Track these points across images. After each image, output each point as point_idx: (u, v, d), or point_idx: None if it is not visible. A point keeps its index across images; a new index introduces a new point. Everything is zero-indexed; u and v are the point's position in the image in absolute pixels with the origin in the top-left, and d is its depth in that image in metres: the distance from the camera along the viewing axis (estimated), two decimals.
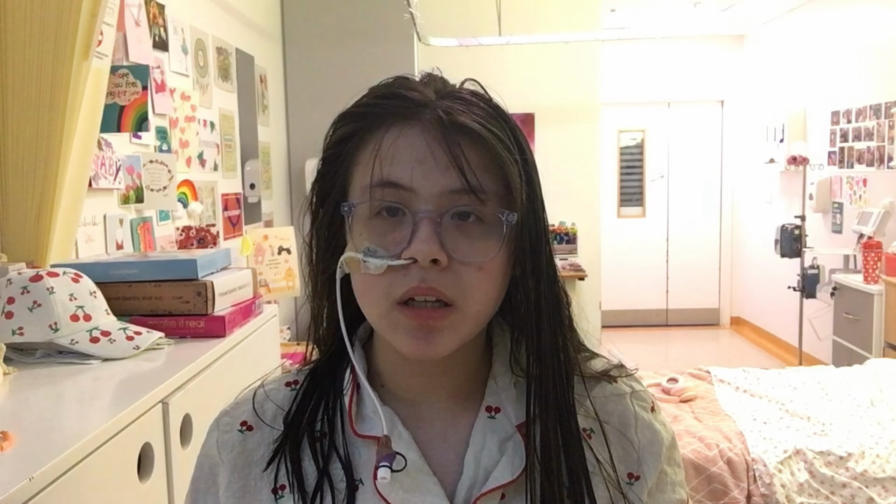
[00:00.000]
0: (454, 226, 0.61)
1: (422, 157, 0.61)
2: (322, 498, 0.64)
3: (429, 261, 0.59)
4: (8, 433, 0.91)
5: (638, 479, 0.68)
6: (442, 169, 0.61)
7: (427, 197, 0.61)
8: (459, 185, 0.60)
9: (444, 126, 0.61)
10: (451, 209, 0.61)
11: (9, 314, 1.28)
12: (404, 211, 0.61)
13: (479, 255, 0.61)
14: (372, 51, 4.02)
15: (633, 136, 7.05)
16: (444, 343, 0.62)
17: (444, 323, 0.61)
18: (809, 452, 2.70)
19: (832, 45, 5.19)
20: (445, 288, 0.60)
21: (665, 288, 7.12)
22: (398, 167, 0.61)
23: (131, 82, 1.94)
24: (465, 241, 0.61)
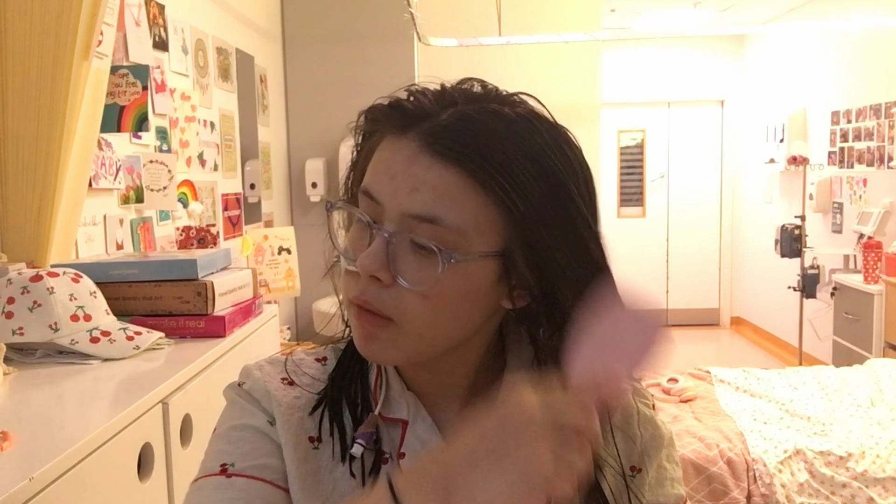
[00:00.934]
0: (410, 247, 0.60)
1: (394, 174, 0.61)
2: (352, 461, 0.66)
3: (368, 275, 0.60)
4: (8, 433, 0.91)
5: (640, 472, 0.70)
6: (407, 190, 0.60)
7: (390, 214, 0.61)
8: (417, 212, 0.59)
9: (426, 145, 0.60)
10: (406, 234, 0.60)
11: (9, 314, 1.28)
12: (370, 222, 0.62)
13: (417, 283, 0.60)
14: (372, 51, 4.02)
15: (633, 136, 7.05)
16: (385, 352, 0.63)
17: (382, 333, 0.62)
18: (809, 452, 2.70)
19: (832, 45, 5.19)
20: (382, 305, 0.61)
21: (665, 288, 7.12)
22: (376, 179, 0.62)
23: (131, 82, 1.94)
24: (413, 266, 0.60)
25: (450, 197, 0.59)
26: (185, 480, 1.19)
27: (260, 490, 0.64)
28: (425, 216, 0.59)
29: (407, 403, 0.68)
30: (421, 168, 0.60)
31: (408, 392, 0.69)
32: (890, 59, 4.52)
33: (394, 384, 0.69)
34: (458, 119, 0.61)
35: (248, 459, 0.65)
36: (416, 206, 0.59)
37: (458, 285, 0.61)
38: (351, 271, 0.63)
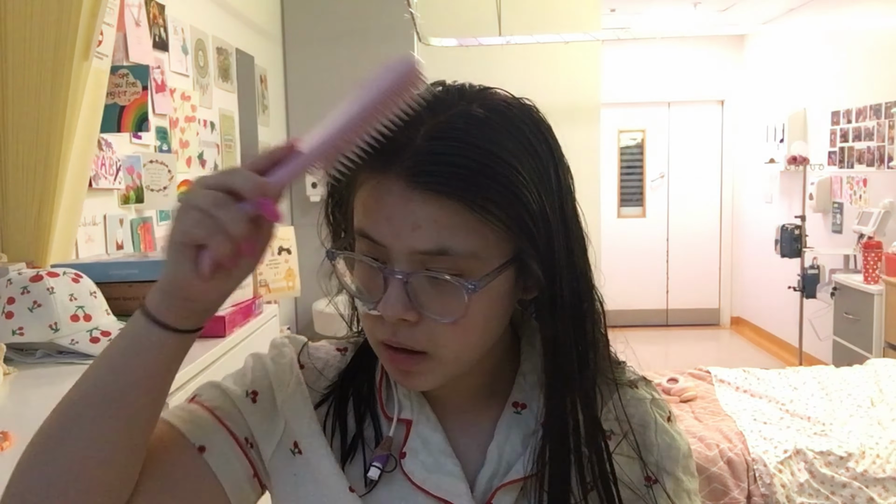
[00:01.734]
0: (426, 281, 0.59)
1: (389, 215, 0.59)
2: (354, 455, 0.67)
3: (395, 320, 0.60)
4: (8, 433, 0.91)
5: (655, 483, 0.69)
6: (409, 229, 0.58)
7: (397, 256, 0.59)
8: (426, 248, 0.58)
9: (413, 181, 0.57)
10: (420, 271, 0.59)
11: (9, 314, 1.28)
12: (379, 266, 0.60)
13: (447, 314, 0.59)
14: (372, 51, 4.02)
15: (633, 136, 7.05)
16: (425, 383, 0.64)
17: (418, 368, 0.62)
18: (809, 452, 2.70)
19: (832, 45, 5.19)
20: (415, 342, 0.61)
21: (665, 288, 7.12)
22: (372, 221, 0.60)
23: (131, 82, 1.94)
24: (435, 298, 0.60)
25: (453, 227, 0.58)
26: None
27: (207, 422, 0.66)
28: (435, 250, 0.58)
29: (411, 403, 0.68)
30: (417, 205, 0.58)
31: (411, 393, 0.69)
32: (890, 59, 4.52)
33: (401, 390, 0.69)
34: (433, 141, 0.58)
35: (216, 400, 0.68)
36: (423, 242, 0.58)
37: (485, 303, 0.61)
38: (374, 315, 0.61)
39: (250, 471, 0.67)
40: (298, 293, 3.42)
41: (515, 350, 0.72)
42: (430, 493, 0.65)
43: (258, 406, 0.68)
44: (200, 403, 0.68)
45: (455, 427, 0.69)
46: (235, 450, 0.66)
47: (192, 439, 0.65)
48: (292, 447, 0.68)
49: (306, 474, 0.67)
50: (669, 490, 0.70)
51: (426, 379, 0.63)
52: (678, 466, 0.71)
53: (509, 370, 0.71)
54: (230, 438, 0.66)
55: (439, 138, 0.58)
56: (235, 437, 0.67)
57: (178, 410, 0.67)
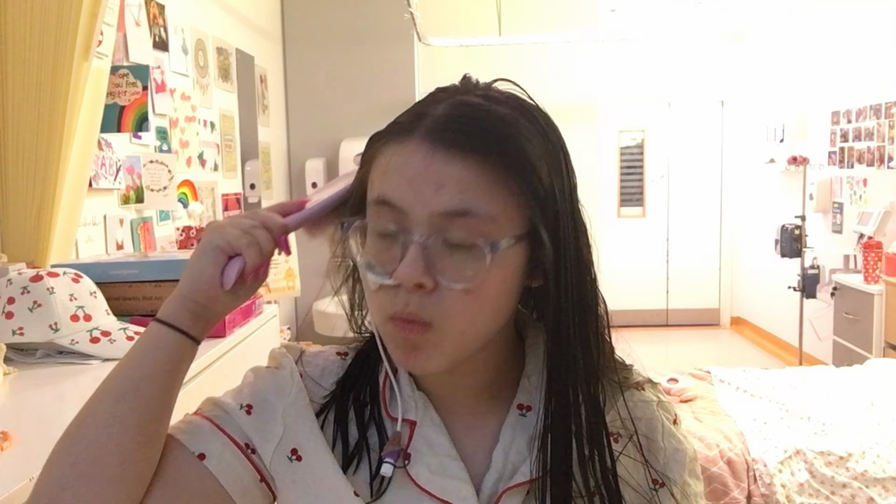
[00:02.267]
0: (443, 247, 0.59)
1: (412, 177, 0.59)
2: (359, 461, 0.67)
3: (412, 285, 0.59)
4: (8, 433, 0.91)
5: (662, 486, 0.69)
6: (432, 190, 0.59)
7: (417, 219, 0.59)
8: (448, 208, 0.58)
9: (438, 142, 0.59)
10: (439, 233, 0.59)
11: (9, 314, 1.28)
12: (397, 231, 0.60)
13: (465, 280, 0.59)
14: (372, 51, 4.02)
15: (633, 135, 7.05)
16: (429, 360, 0.62)
17: (424, 340, 0.61)
18: (810, 452, 2.70)
19: (832, 45, 5.19)
20: (423, 311, 0.60)
21: (665, 288, 7.12)
22: (392, 186, 0.60)
23: (131, 82, 1.94)
24: (452, 265, 0.59)
25: (476, 187, 0.59)
26: None
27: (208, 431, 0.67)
28: (457, 210, 0.58)
29: (416, 404, 0.67)
30: (440, 165, 0.59)
31: (417, 392, 0.68)
32: (890, 59, 4.52)
33: (404, 386, 0.68)
34: (456, 106, 0.61)
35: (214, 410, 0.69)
36: (445, 202, 0.58)
37: (498, 274, 0.61)
38: (387, 286, 0.61)
39: (256, 475, 0.67)
40: (298, 293, 3.42)
41: (519, 352, 0.71)
42: (436, 496, 0.64)
43: (252, 417, 0.68)
44: (198, 414, 0.69)
45: (459, 429, 0.68)
46: (237, 454, 0.66)
47: (191, 448, 0.65)
48: (290, 454, 0.67)
49: (306, 481, 0.66)
50: (676, 494, 0.69)
51: (431, 356, 0.61)
52: (685, 470, 0.71)
53: (513, 372, 0.70)
54: (230, 443, 0.66)
55: (461, 105, 0.61)
56: (235, 442, 0.67)
57: (178, 423, 0.68)
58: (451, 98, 0.62)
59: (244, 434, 0.67)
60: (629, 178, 7.06)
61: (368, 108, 3.99)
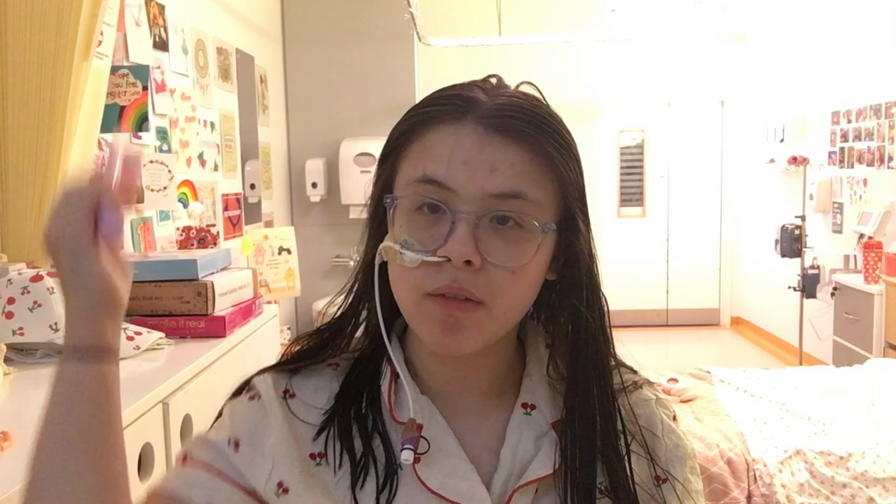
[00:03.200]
0: (491, 228, 0.61)
1: (467, 158, 0.61)
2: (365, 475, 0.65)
3: (462, 261, 0.60)
4: (8, 433, 0.91)
5: (665, 482, 0.70)
6: (485, 171, 0.61)
7: (468, 198, 0.61)
8: (501, 190, 0.61)
9: (492, 127, 0.62)
10: (491, 212, 0.61)
11: (9, 314, 1.28)
12: (444, 209, 0.61)
13: (513, 259, 0.61)
14: (372, 51, 4.02)
15: (633, 135, 7.05)
16: (470, 339, 0.63)
17: (470, 318, 0.62)
18: (810, 452, 2.70)
19: (832, 45, 5.19)
20: (476, 288, 0.61)
21: (665, 288, 7.11)
22: (442, 166, 0.62)
23: (131, 82, 1.94)
24: (501, 245, 0.61)
25: (527, 172, 0.62)
26: None
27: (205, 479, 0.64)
28: (510, 192, 0.61)
29: (421, 407, 0.67)
30: (494, 148, 0.61)
31: (422, 396, 0.68)
32: (890, 59, 4.52)
33: (409, 389, 0.68)
34: (508, 97, 0.64)
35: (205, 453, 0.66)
36: (499, 184, 0.61)
37: (540, 258, 0.64)
38: (428, 263, 0.61)
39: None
40: (298, 293, 3.42)
41: (519, 354, 0.72)
42: (448, 498, 0.63)
43: (241, 453, 0.66)
44: (195, 463, 0.66)
45: (464, 431, 0.68)
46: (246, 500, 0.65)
47: (197, 501, 0.63)
48: (276, 488, 0.65)
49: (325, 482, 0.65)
50: (678, 490, 0.70)
51: (473, 335, 0.62)
52: (686, 467, 0.71)
53: (515, 373, 0.71)
54: (237, 490, 0.65)
55: (513, 96, 0.64)
56: (242, 488, 0.65)
57: (177, 476, 0.65)
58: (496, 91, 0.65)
59: (243, 476, 0.65)
60: (629, 178, 7.06)
61: (368, 108, 3.99)
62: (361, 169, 3.81)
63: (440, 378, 0.69)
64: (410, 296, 0.63)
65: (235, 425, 0.68)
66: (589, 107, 4.37)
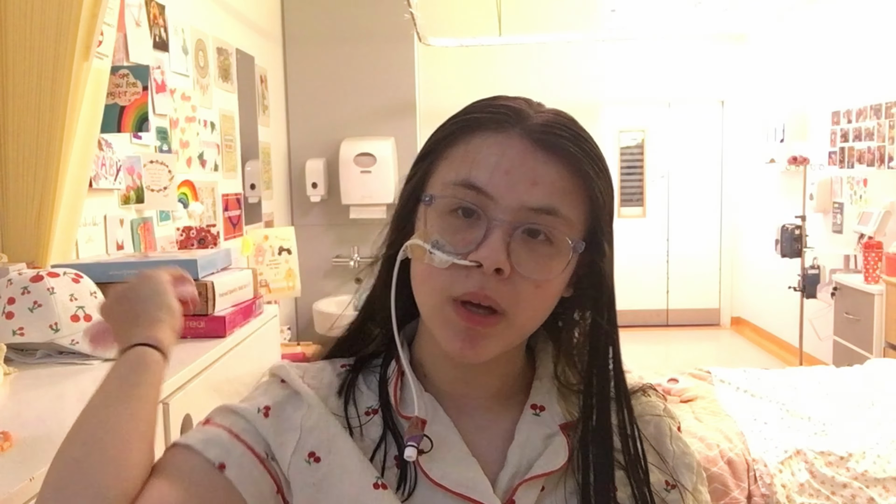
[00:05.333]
0: (522, 240, 0.62)
1: (509, 168, 0.62)
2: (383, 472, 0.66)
3: (493, 269, 0.61)
4: (9, 433, 0.91)
5: (674, 488, 0.71)
6: (526, 184, 0.62)
7: (506, 208, 0.62)
8: (539, 204, 0.62)
9: (539, 142, 0.63)
10: (526, 224, 0.62)
11: (9, 314, 1.28)
12: (480, 214, 0.62)
13: (541, 273, 0.63)
14: (372, 51, 4.02)
15: (633, 135, 7.05)
16: (488, 349, 0.64)
17: (492, 330, 0.63)
18: (810, 452, 2.70)
19: (832, 45, 5.19)
20: (501, 298, 0.62)
21: (665, 288, 7.11)
22: (484, 172, 0.62)
23: (132, 83, 1.94)
24: (530, 257, 0.62)
25: (565, 191, 0.63)
26: None
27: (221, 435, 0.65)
28: (547, 208, 0.62)
29: (425, 404, 0.68)
30: (538, 163, 0.63)
31: (426, 394, 0.69)
32: (890, 59, 4.52)
33: (413, 386, 0.68)
34: (553, 116, 0.65)
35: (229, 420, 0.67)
36: (537, 199, 0.62)
37: (563, 274, 0.65)
38: (458, 266, 0.62)
39: (274, 487, 0.65)
40: (299, 293, 3.42)
41: (529, 359, 0.74)
42: (451, 490, 0.64)
43: (271, 420, 0.67)
44: (215, 425, 0.67)
45: (470, 429, 0.68)
46: (256, 465, 0.65)
47: (211, 458, 0.64)
48: (307, 457, 0.66)
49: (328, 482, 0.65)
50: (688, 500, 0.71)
51: (493, 344, 0.64)
52: (696, 476, 0.73)
53: (523, 376, 0.73)
54: (249, 454, 0.65)
55: (558, 116, 0.66)
56: (255, 452, 0.65)
57: (194, 433, 0.66)
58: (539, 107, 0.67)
59: (263, 441, 0.66)
60: (629, 178, 7.06)
61: (368, 108, 3.99)
62: (361, 169, 3.81)
63: (448, 378, 0.70)
64: (434, 298, 0.64)
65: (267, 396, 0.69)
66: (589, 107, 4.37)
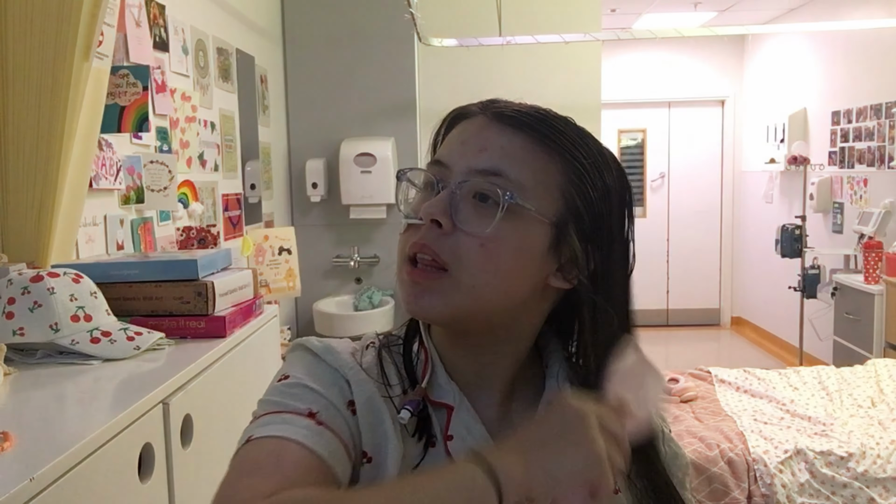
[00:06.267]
0: (471, 199, 0.65)
1: (464, 140, 0.68)
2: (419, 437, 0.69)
3: (430, 220, 0.65)
4: (9, 433, 0.91)
5: None
6: (476, 150, 0.66)
7: (457, 172, 0.66)
8: (484, 166, 0.65)
9: (494, 116, 0.68)
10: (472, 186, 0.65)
11: (9, 314, 1.28)
12: (435, 184, 0.67)
13: (479, 227, 0.64)
14: (372, 51, 4.02)
15: (633, 136, 7.05)
16: (433, 303, 0.66)
17: (434, 285, 0.65)
18: (810, 453, 2.70)
19: (832, 46, 5.19)
20: (440, 251, 0.65)
21: (665, 288, 7.12)
22: (447, 148, 0.70)
23: (132, 83, 1.94)
24: (474, 214, 0.65)
25: (515, 156, 0.66)
26: (186, 481, 1.19)
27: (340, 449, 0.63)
28: (491, 170, 0.65)
29: (452, 391, 0.70)
30: (491, 133, 0.67)
31: (451, 381, 0.71)
32: (890, 59, 4.52)
33: (439, 371, 0.71)
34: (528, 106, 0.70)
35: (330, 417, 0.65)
36: (483, 162, 0.66)
37: (514, 238, 0.65)
38: (412, 225, 0.67)
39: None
40: (299, 293, 3.42)
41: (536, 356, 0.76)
42: None
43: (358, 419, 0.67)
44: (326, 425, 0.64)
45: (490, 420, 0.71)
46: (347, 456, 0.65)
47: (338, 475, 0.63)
48: (363, 457, 0.66)
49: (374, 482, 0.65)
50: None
51: (439, 299, 0.65)
52: (685, 476, 0.75)
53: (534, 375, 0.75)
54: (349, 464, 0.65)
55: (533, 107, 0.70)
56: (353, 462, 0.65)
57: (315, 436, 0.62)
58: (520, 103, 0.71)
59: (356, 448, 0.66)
60: (629, 178, 7.04)
61: (368, 108, 3.99)
62: (362, 169, 3.81)
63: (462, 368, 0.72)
64: (398, 262, 0.68)
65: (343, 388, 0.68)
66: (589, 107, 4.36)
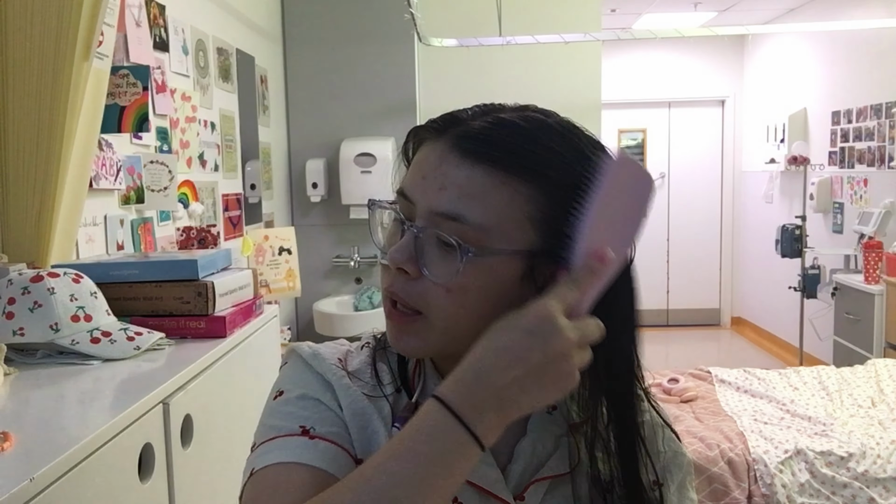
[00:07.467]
0: (435, 243, 0.63)
1: (426, 174, 0.64)
2: None
3: (395, 268, 0.64)
4: (9, 434, 0.91)
5: (662, 486, 0.72)
6: (436, 189, 0.63)
7: (420, 212, 0.64)
8: (444, 210, 0.62)
9: (454, 147, 0.63)
10: (435, 229, 0.63)
11: (9, 315, 1.28)
12: (403, 219, 0.66)
13: (443, 277, 0.63)
14: (372, 51, 4.02)
15: (633, 136, 7.06)
16: (415, 345, 0.66)
17: (411, 328, 0.65)
18: (810, 453, 2.70)
19: (832, 46, 5.19)
20: (408, 297, 0.64)
21: (665, 288, 7.12)
22: (409, 179, 0.66)
23: (132, 83, 1.94)
24: (438, 260, 0.63)
25: (474, 196, 0.62)
26: (186, 481, 1.19)
27: (339, 455, 0.65)
28: (450, 214, 0.62)
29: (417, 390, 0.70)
30: (450, 167, 0.63)
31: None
32: (890, 59, 4.52)
33: (430, 376, 0.71)
34: (492, 123, 0.64)
35: (325, 426, 0.66)
36: (443, 204, 0.63)
37: (480, 280, 0.63)
38: (384, 265, 0.67)
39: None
40: (299, 293, 3.42)
41: None
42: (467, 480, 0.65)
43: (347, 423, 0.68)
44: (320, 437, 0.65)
45: None
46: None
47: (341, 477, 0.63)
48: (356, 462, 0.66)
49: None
50: (673, 495, 0.73)
51: (416, 340, 0.66)
52: (685, 475, 0.75)
53: None
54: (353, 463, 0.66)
55: (497, 123, 0.64)
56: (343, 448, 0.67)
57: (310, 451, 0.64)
58: (490, 114, 0.65)
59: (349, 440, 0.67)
60: None
61: (368, 108, 3.99)
62: (362, 169, 3.81)
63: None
64: (383, 293, 0.69)
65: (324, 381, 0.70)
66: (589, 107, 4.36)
